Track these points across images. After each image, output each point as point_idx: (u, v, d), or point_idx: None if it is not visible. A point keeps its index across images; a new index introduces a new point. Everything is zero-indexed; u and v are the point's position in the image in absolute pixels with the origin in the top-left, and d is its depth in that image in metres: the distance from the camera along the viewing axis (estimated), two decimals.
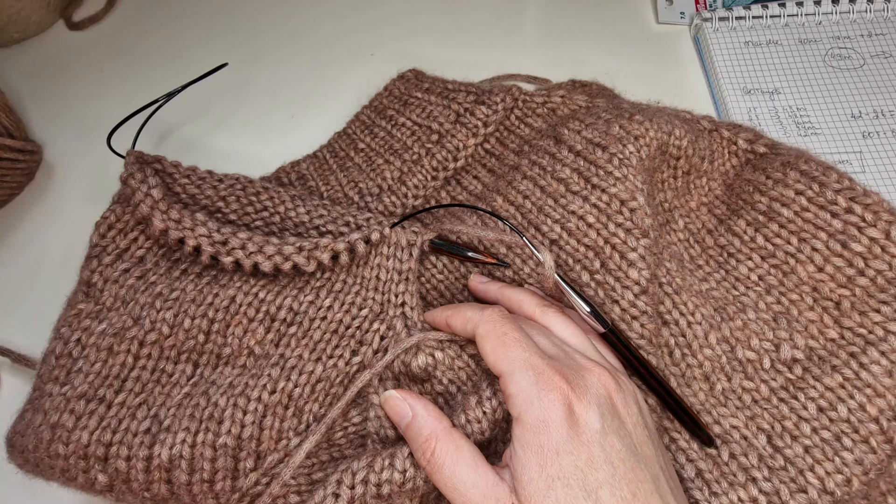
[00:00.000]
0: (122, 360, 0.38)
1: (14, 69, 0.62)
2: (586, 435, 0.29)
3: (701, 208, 0.45)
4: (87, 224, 0.42)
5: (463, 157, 0.49)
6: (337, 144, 0.53)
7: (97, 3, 0.65)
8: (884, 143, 0.52)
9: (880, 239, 0.37)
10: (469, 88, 0.51)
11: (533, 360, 0.31)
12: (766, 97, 0.55)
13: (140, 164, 0.42)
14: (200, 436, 0.35)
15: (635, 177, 0.40)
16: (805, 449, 0.35)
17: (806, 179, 0.40)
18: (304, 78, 0.60)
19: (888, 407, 0.35)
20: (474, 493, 0.29)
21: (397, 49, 0.61)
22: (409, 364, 0.37)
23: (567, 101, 0.48)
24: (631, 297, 0.38)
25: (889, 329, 0.36)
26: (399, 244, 0.42)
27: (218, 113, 0.58)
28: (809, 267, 0.39)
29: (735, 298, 0.40)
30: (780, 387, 0.38)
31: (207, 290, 0.40)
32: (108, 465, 0.34)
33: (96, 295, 0.40)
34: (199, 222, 0.40)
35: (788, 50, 0.58)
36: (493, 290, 0.40)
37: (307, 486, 0.36)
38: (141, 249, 0.42)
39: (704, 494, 0.35)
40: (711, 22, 0.59)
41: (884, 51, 0.57)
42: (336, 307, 0.40)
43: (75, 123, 0.58)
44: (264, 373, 0.38)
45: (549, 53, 0.60)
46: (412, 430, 0.32)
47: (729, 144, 0.45)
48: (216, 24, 0.65)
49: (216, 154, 0.56)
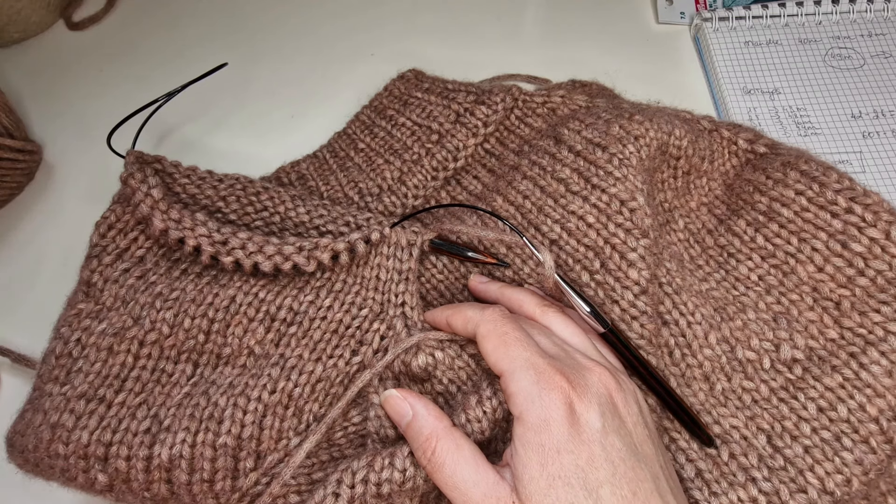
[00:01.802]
0: (122, 360, 0.38)
1: (14, 69, 0.62)
2: (587, 434, 0.29)
3: (701, 208, 0.45)
4: (87, 224, 0.42)
5: (463, 157, 0.49)
6: (337, 144, 0.53)
7: (97, 3, 0.65)
8: (884, 143, 0.52)
9: (880, 239, 0.37)
10: (469, 88, 0.51)
11: (534, 360, 0.31)
12: (766, 97, 0.55)
13: (140, 164, 0.42)
14: (200, 435, 0.35)
15: (635, 177, 0.40)
16: (805, 449, 0.35)
17: (806, 179, 0.40)
18: (304, 78, 0.60)
19: (888, 407, 0.35)
20: (475, 492, 0.29)
21: (397, 49, 0.61)
22: (409, 364, 0.37)
23: (567, 101, 0.48)
24: (631, 298, 0.38)
25: (889, 329, 0.36)
26: (399, 244, 0.42)
27: (218, 113, 0.58)
28: (809, 267, 0.39)
29: (735, 298, 0.40)
30: (779, 387, 0.38)
31: (207, 289, 0.40)
32: (108, 465, 0.34)
33: (96, 295, 0.40)
34: (199, 222, 0.40)
35: (788, 50, 0.58)
36: (493, 290, 0.40)
37: (307, 485, 0.35)
38: (141, 249, 0.42)
39: (704, 494, 0.35)
40: (711, 22, 0.59)
41: (884, 51, 0.57)
42: (336, 307, 0.40)
43: (75, 123, 0.58)
44: (264, 372, 0.38)
45: (549, 53, 0.60)
46: (413, 429, 0.33)
47: (729, 144, 0.45)
48: (216, 25, 0.65)
49: (216, 154, 0.56)
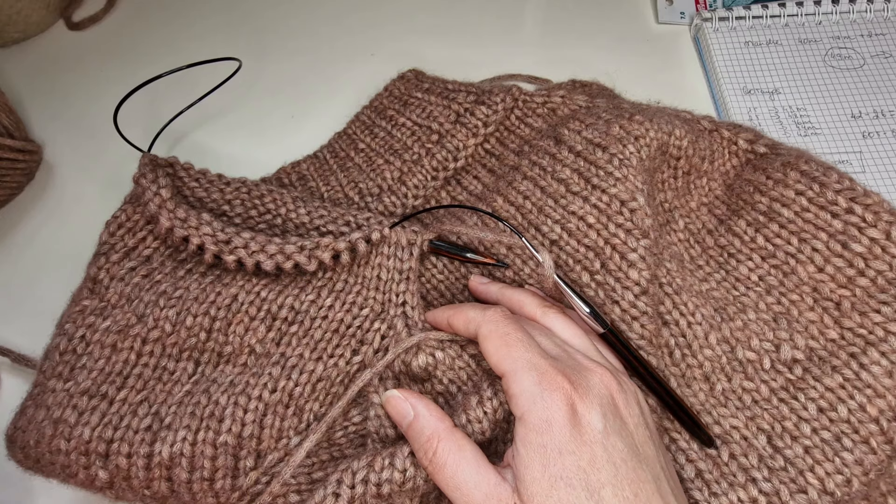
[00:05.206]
0: (124, 357, 0.38)
1: (14, 69, 0.62)
2: (589, 435, 0.29)
3: (701, 208, 0.45)
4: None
5: (463, 158, 0.49)
6: (337, 145, 0.53)
7: (97, 3, 0.65)
8: (884, 143, 0.52)
9: (881, 239, 0.37)
10: (469, 88, 0.51)
11: (536, 361, 0.31)
12: (766, 97, 0.55)
13: (153, 165, 0.42)
14: (201, 434, 0.35)
15: (635, 177, 0.40)
16: (805, 449, 0.35)
17: (806, 180, 0.40)
18: (304, 78, 0.60)
19: (888, 407, 0.35)
20: (476, 492, 0.29)
21: (397, 49, 0.61)
22: (409, 364, 0.37)
23: (567, 101, 0.48)
24: (631, 298, 0.38)
25: (889, 329, 0.36)
26: (399, 244, 0.42)
27: (218, 113, 0.58)
28: (810, 267, 0.39)
29: (735, 299, 0.40)
30: (780, 387, 0.38)
31: (210, 288, 0.40)
32: (109, 462, 0.34)
33: (101, 292, 0.40)
34: (203, 221, 0.40)
35: (788, 50, 0.58)
36: (493, 291, 0.40)
37: (307, 485, 0.36)
38: (148, 249, 0.42)
39: (704, 495, 0.35)
40: (711, 22, 0.60)
41: (884, 51, 0.58)
42: (337, 306, 0.40)
43: (75, 123, 0.58)
44: (265, 371, 0.38)
45: (549, 53, 0.61)
46: (414, 429, 0.32)
47: (729, 144, 0.45)
48: (216, 25, 0.65)
49: (216, 154, 0.56)
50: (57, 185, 0.55)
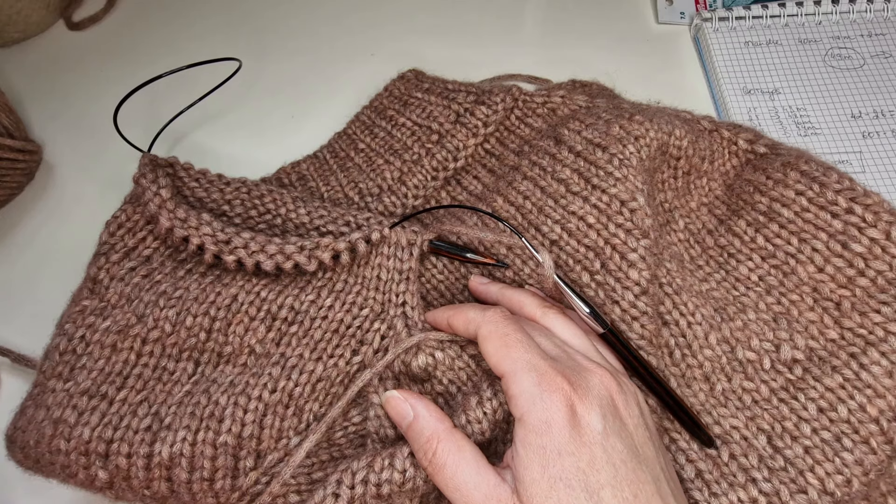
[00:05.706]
0: (124, 358, 0.38)
1: (14, 69, 0.62)
2: (588, 436, 0.29)
3: (701, 208, 0.45)
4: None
5: (463, 158, 0.49)
6: (337, 145, 0.53)
7: (97, 3, 0.65)
8: (884, 143, 0.52)
9: (881, 239, 0.37)
10: (469, 88, 0.51)
11: (535, 361, 0.31)
12: (766, 97, 0.55)
13: (153, 165, 0.42)
14: (201, 434, 0.35)
15: (635, 177, 0.40)
16: (805, 450, 0.35)
17: (806, 180, 0.40)
18: (304, 78, 0.60)
19: (888, 408, 0.35)
20: (476, 493, 0.29)
21: (397, 49, 0.61)
22: (409, 364, 0.37)
23: (567, 101, 0.48)
24: (631, 298, 0.38)
25: (889, 330, 0.36)
26: (399, 244, 0.42)
27: (218, 113, 0.58)
28: (810, 267, 0.39)
29: (735, 299, 0.40)
30: (780, 387, 0.38)
31: (210, 288, 0.40)
32: (109, 462, 0.34)
33: (101, 292, 0.40)
34: (203, 221, 0.40)
35: (788, 50, 0.58)
36: (493, 291, 0.40)
37: (307, 485, 0.36)
38: (148, 249, 0.42)
39: (704, 495, 0.35)
40: (711, 22, 0.59)
41: (884, 51, 0.57)
42: (337, 307, 0.40)
43: (75, 123, 0.58)
44: (265, 371, 0.38)
45: (549, 53, 0.61)
46: (414, 430, 0.32)
47: (729, 145, 0.45)
48: (216, 25, 0.65)
49: (216, 154, 0.56)
50: (57, 185, 0.55)
